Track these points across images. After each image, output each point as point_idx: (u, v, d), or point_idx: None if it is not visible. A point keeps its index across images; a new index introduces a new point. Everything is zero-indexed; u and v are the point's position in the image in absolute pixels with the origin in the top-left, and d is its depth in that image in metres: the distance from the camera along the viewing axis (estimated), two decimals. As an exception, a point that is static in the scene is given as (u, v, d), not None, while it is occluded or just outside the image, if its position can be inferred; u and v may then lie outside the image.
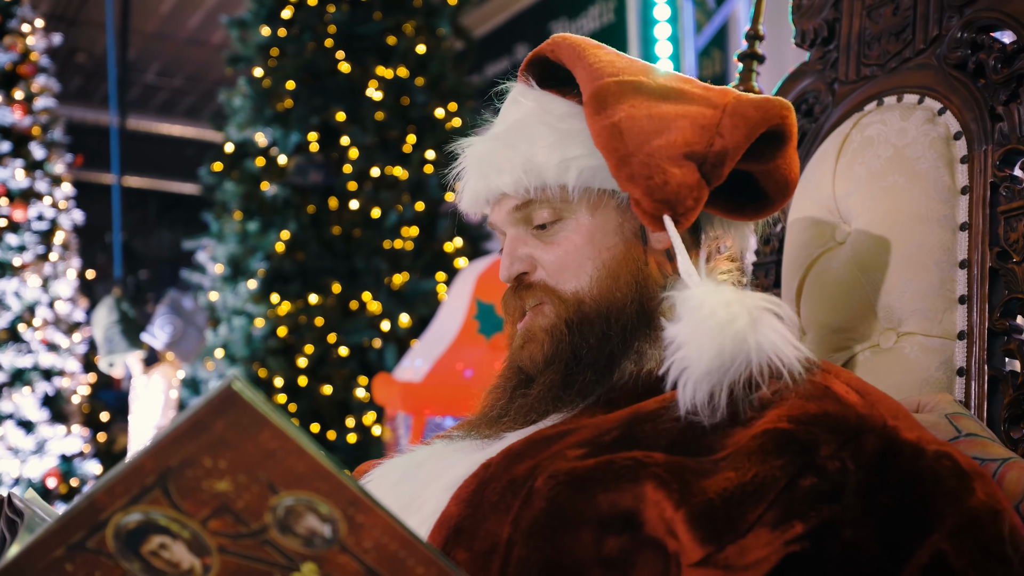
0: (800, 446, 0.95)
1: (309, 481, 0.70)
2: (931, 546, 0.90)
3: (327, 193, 6.09)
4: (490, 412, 1.21)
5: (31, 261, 6.00)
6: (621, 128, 1.10)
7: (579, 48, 1.19)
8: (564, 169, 1.16)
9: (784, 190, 1.19)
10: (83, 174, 10.94)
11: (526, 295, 1.20)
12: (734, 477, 0.94)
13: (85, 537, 0.72)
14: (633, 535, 0.95)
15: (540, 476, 1.01)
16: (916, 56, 1.55)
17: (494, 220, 1.26)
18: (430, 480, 1.12)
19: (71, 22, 10.43)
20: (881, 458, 0.95)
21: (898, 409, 1.03)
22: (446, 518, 1.04)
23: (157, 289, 13.46)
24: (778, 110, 1.14)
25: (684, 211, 1.09)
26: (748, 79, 1.87)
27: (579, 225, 1.18)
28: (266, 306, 5.94)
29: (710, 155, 1.10)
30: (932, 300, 1.41)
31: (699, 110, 1.13)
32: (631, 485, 0.96)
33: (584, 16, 7.64)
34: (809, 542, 0.90)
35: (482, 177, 1.22)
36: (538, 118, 1.21)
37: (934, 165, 1.45)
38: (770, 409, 1.00)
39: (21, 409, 5.84)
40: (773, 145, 1.16)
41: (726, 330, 1.00)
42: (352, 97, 6.14)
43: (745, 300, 1.02)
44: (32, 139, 6.14)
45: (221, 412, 0.68)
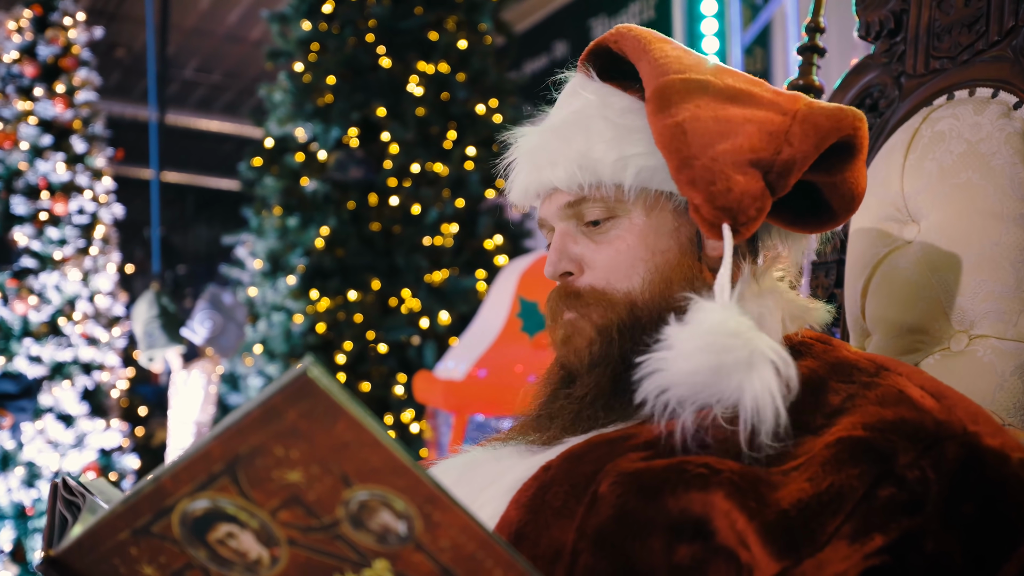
0: (877, 454, 0.91)
1: (385, 476, 0.68)
2: (1020, 558, 0.86)
3: (367, 189, 6.09)
4: (536, 413, 1.17)
5: (71, 255, 6.02)
6: (685, 129, 1.05)
7: (644, 41, 1.14)
8: (622, 167, 1.11)
9: (850, 204, 1.14)
10: (122, 169, 11.03)
11: (575, 302, 1.16)
12: (808, 488, 0.91)
13: (150, 522, 0.70)
14: (705, 543, 0.91)
15: (604, 480, 0.97)
16: (990, 48, 1.50)
17: (544, 214, 1.21)
18: (488, 483, 1.09)
19: (111, 17, 10.52)
20: (963, 466, 0.91)
21: (978, 412, 0.99)
22: (506, 523, 1.01)
23: (195, 285, 13.56)
24: (851, 120, 1.08)
25: (745, 220, 1.04)
26: (808, 73, 1.82)
27: (632, 225, 1.14)
28: (305, 302, 5.95)
29: (777, 163, 1.05)
30: (1007, 302, 1.36)
31: (768, 115, 1.08)
32: (701, 493, 0.92)
33: (624, 13, 7.60)
34: (890, 555, 0.86)
35: (534, 170, 1.18)
36: (597, 111, 1.16)
37: (1010, 161, 1.39)
38: (843, 416, 0.97)
39: (61, 403, 5.87)
40: (842, 157, 1.11)
41: (714, 356, 0.96)
42: (393, 92, 6.14)
43: (753, 340, 0.97)
44: (73, 133, 6.16)
45: (295, 400, 0.65)
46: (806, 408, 0.99)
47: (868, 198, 1.58)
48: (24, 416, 5.76)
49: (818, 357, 1.09)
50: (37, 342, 5.86)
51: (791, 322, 1.14)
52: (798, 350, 1.10)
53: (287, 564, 0.72)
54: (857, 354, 1.10)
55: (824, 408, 0.99)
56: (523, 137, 1.21)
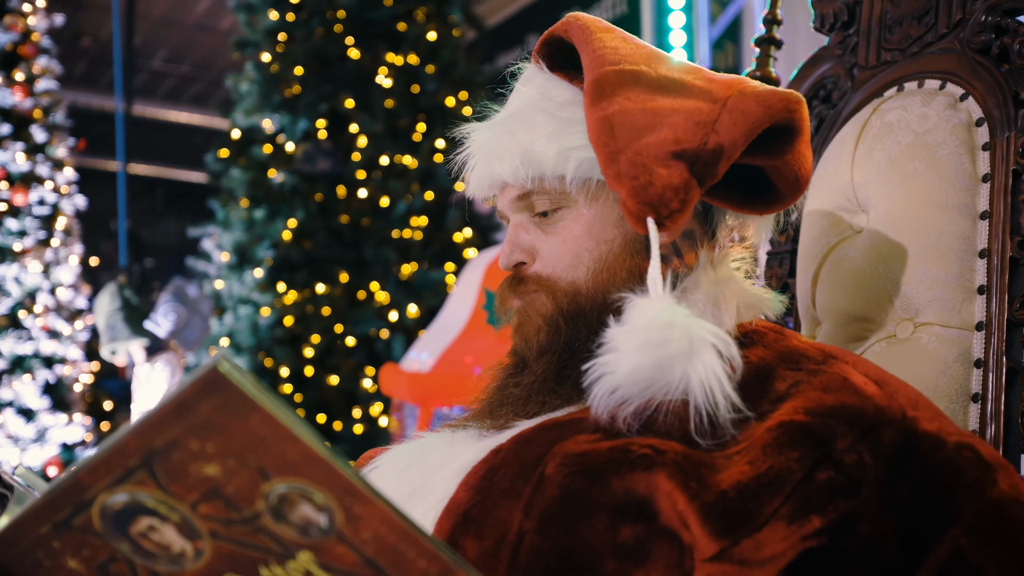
0: (816, 439, 0.92)
1: (302, 468, 0.68)
2: (950, 541, 0.87)
3: (335, 181, 6.07)
4: (486, 399, 1.19)
5: (32, 246, 5.97)
6: (613, 122, 1.05)
7: (587, 31, 1.15)
8: (563, 160, 1.12)
9: (795, 185, 1.14)
10: (90, 161, 10.95)
11: (521, 289, 1.18)
12: (749, 470, 0.92)
13: (70, 515, 0.70)
14: (648, 524, 0.92)
15: (551, 462, 0.98)
16: (938, 40, 1.51)
17: (500, 207, 1.23)
18: (439, 466, 1.10)
19: (76, 5, 10.41)
20: (900, 451, 0.92)
21: (917, 399, 1.00)
22: (455, 505, 1.02)
23: (163, 278, 13.47)
24: (784, 104, 1.07)
25: (668, 214, 1.03)
26: (765, 64, 1.83)
27: (579, 215, 1.15)
28: (272, 295, 5.92)
29: (703, 153, 1.04)
30: (950, 290, 1.38)
31: (696, 104, 1.07)
32: (645, 474, 0.93)
33: (597, 7, 7.61)
34: (826, 537, 0.87)
35: (485, 164, 1.19)
36: (538, 105, 1.17)
37: (955, 152, 1.41)
38: (786, 401, 0.98)
39: (21, 397, 5.82)
40: (782, 140, 1.11)
41: (654, 351, 0.97)
42: (361, 84, 6.12)
43: (690, 328, 0.98)
44: (33, 122, 6.09)
45: (207, 394, 0.65)
46: (753, 395, 1.00)
47: (820, 188, 1.60)
48: (-16, 410, 5.71)
49: (769, 346, 1.10)
50: (-4, 335, 5.80)
51: (746, 310, 1.15)
52: (751, 338, 1.12)
53: (211, 556, 0.72)
54: (807, 343, 1.12)
55: (770, 395, 1.00)
56: (476, 131, 1.22)
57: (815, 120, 1.71)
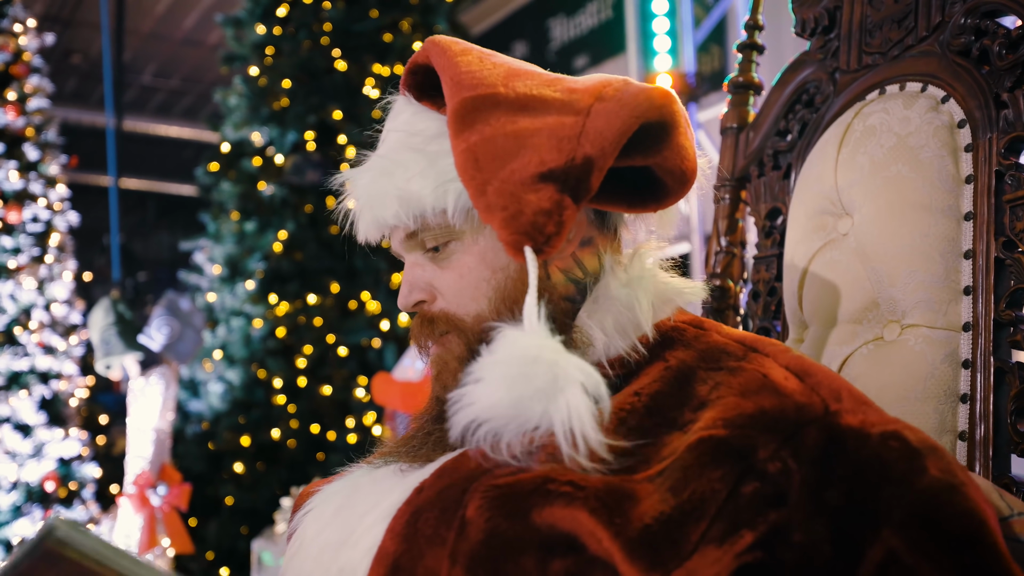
0: (737, 453, 0.91)
1: None
2: (882, 543, 0.85)
3: (324, 192, 6.06)
4: (410, 441, 1.16)
5: (26, 263, 5.95)
6: (476, 153, 1.03)
7: (446, 55, 1.13)
8: (442, 195, 1.10)
9: (681, 179, 1.11)
10: (81, 176, 10.94)
11: (430, 329, 1.16)
12: (671, 498, 0.90)
13: None
14: (579, 556, 0.91)
15: (471, 503, 0.97)
16: (919, 43, 1.52)
17: (393, 248, 1.21)
18: (367, 509, 1.08)
19: (66, 23, 10.41)
20: (824, 451, 0.90)
21: (840, 388, 0.98)
22: (383, 555, 1.00)
23: (156, 291, 13.41)
24: (649, 102, 1.05)
25: (545, 239, 1.02)
26: (748, 70, 1.84)
27: (469, 246, 1.13)
28: (264, 307, 5.92)
29: (572, 169, 1.02)
30: (937, 291, 1.39)
31: (558, 120, 1.05)
32: (566, 510, 0.92)
33: (582, 13, 7.62)
34: (761, 551, 0.86)
35: (368, 209, 1.16)
36: (406, 143, 1.15)
37: (938, 154, 1.42)
38: (706, 410, 0.97)
39: (18, 412, 5.81)
40: (657, 137, 1.08)
41: (513, 387, 0.95)
42: (349, 95, 6.13)
43: (557, 363, 0.96)
44: (26, 140, 6.09)
45: (44, 568, 0.65)
46: (673, 404, 0.99)
47: (804, 192, 1.60)
48: (-20, 427, 5.70)
49: (689, 344, 1.09)
50: (-8, 352, 5.80)
51: (661, 307, 1.14)
52: (671, 336, 1.10)
53: None
54: (729, 336, 1.10)
55: (692, 402, 0.99)
56: (356, 176, 1.19)
57: (798, 124, 1.72)
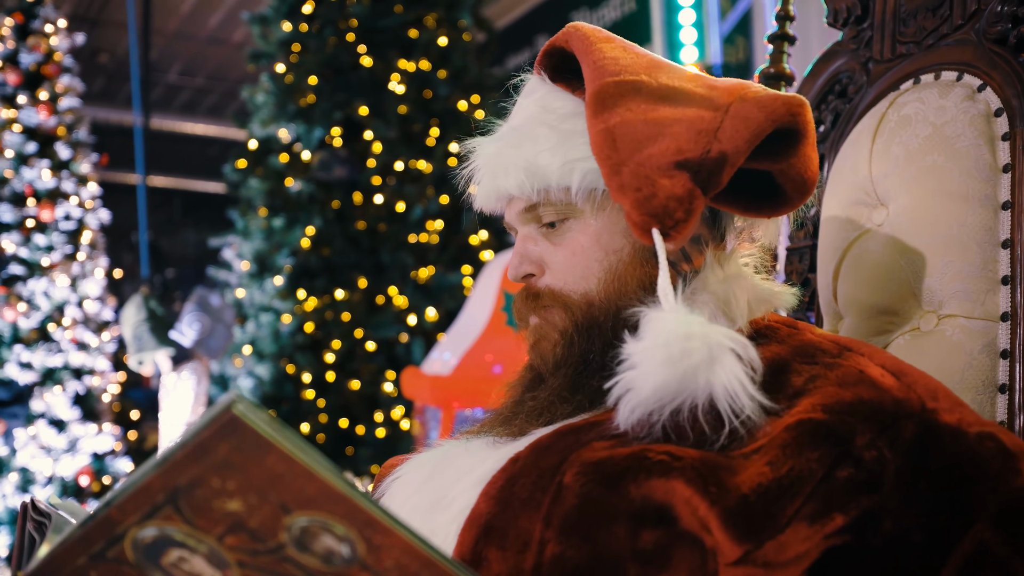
0: (836, 437, 0.93)
1: (321, 503, 0.70)
2: (974, 536, 0.87)
3: (351, 188, 6.10)
4: (503, 412, 1.19)
5: (59, 261, 6.04)
6: (615, 134, 1.05)
7: (588, 41, 1.15)
8: (568, 172, 1.12)
9: (802, 188, 1.13)
10: (109, 174, 11.02)
11: (535, 304, 1.18)
12: (768, 472, 0.92)
13: (104, 548, 0.72)
14: (669, 529, 0.93)
15: (569, 470, 0.99)
16: (954, 32, 1.52)
17: (508, 219, 1.23)
18: (459, 476, 1.10)
19: (93, 23, 10.49)
20: (920, 444, 0.92)
21: (936, 388, 1.00)
22: (476, 516, 1.02)
23: (184, 288, 13.53)
24: (787, 108, 1.06)
25: (673, 224, 1.03)
26: (779, 61, 1.84)
27: (586, 226, 1.15)
28: (293, 302, 5.96)
29: (706, 162, 1.04)
30: (974, 281, 1.38)
31: (698, 113, 1.07)
32: (662, 480, 0.94)
33: (606, 5, 7.61)
34: (850, 535, 0.88)
35: (491, 178, 1.19)
36: (540, 118, 1.17)
37: (974, 143, 1.41)
38: (803, 398, 0.98)
39: (52, 408, 5.89)
40: (787, 143, 1.10)
41: (677, 364, 0.97)
42: (374, 91, 6.15)
43: (709, 336, 0.98)
44: (57, 139, 6.17)
45: (223, 436, 0.67)
46: (769, 390, 1.00)
47: (838, 183, 1.60)
48: (16, 422, 5.77)
49: (783, 341, 1.10)
50: (27, 348, 5.87)
51: (757, 306, 1.16)
52: (764, 334, 1.12)
53: None
54: (822, 336, 1.12)
55: (787, 390, 1.00)
56: (482, 145, 1.22)
57: (831, 115, 1.71)
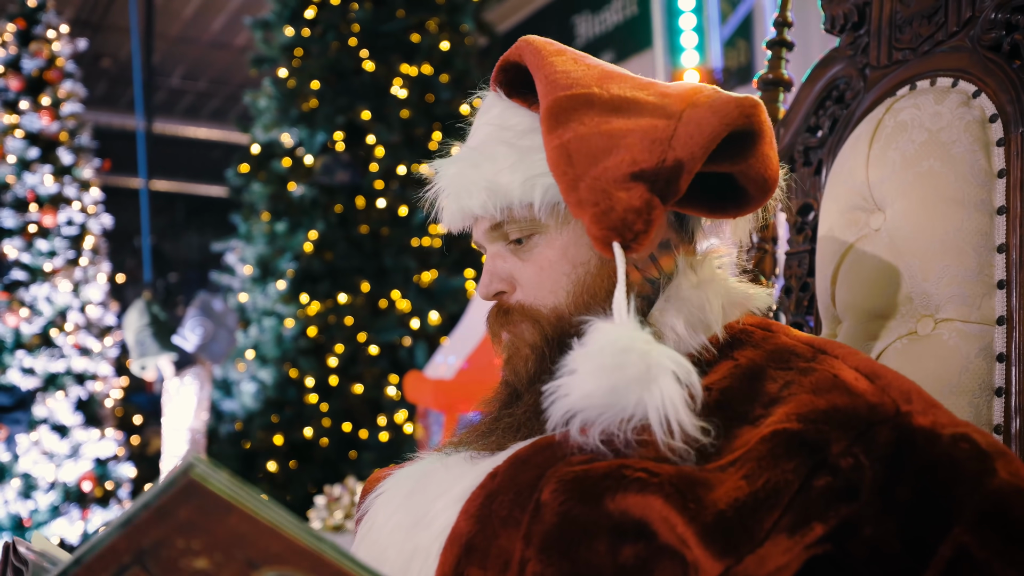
0: (811, 446, 0.93)
1: (288, 558, 0.70)
2: (953, 540, 0.87)
3: (354, 192, 6.11)
4: (480, 428, 1.20)
5: (62, 266, 6.05)
6: (569, 150, 1.06)
7: (539, 55, 1.15)
8: (529, 188, 1.13)
9: (763, 187, 1.14)
10: (111, 179, 11.02)
11: (505, 319, 1.19)
12: (745, 485, 0.92)
13: None
14: (648, 543, 0.93)
15: (546, 487, 0.99)
16: (949, 39, 1.53)
17: (475, 238, 1.24)
18: (440, 493, 1.10)
19: (96, 28, 10.51)
20: (895, 449, 0.92)
21: (910, 390, 1.00)
22: (456, 535, 1.02)
23: (187, 292, 13.56)
24: (740, 111, 1.07)
25: (633, 236, 1.04)
26: (777, 67, 1.85)
27: (552, 240, 1.16)
28: (296, 306, 5.97)
29: (662, 171, 1.04)
30: (970, 285, 1.39)
31: (651, 123, 1.08)
32: (639, 496, 0.94)
33: (607, 9, 7.61)
34: (831, 544, 0.88)
35: (455, 199, 1.19)
36: (497, 136, 1.18)
37: (969, 149, 1.42)
38: (777, 406, 0.99)
39: (55, 413, 5.90)
40: (744, 145, 1.11)
41: (608, 376, 0.98)
42: (377, 95, 6.16)
43: (649, 353, 0.98)
44: (60, 145, 6.19)
45: (184, 499, 0.67)
46: (744, 398, 1.01)
47: (836, 187, 1.61)
48: (19, 428, 5.78)
49: (758, 345, 1.11)
50: (30, 354, 5.89)
51: (731, 310, 1.16)
52: (739, 338, 1.12)
53: None
54: (796, 338, 1.12)
55: (762, 398, 1.01)
56: (444, 166, 1.23)
57: (828, 120, 1.72)
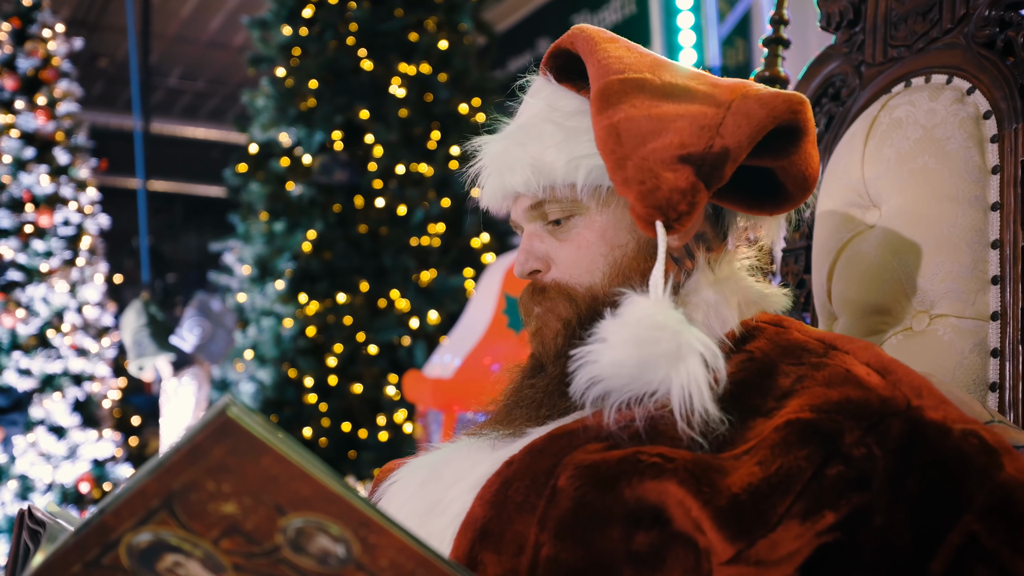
0: (824, 435, 0.94)
1: (316, 504, 0.70)
2: (963, 528, 0.88)
3: (353, 192, 6.10)
4: (502, 402, 1.21)
5: (58, 267, 6.03)
6: (619, 130, 1.08)
7: (592, 42, 1.17)
8: (573, 168, 1.14)
9: (803, 185, 1.16)
10: (109, 179, 11.03)
11: (540, 297, 1.20)
12: (758, 471, 0.93)
13: (99, 555, 0.73)
14: (662, 530, 0.94)
15: (563, 473, 1.00)
16: (943, 36, 1.53)
17: (514, 216, 1.25)
18: (455, 480, 1.12)
19: (92, 27, 10.51)
20: (907, 441, 0.94)
21: (921, 385, 1.01)
22: (471, 520, 1.03)
23: (185, 292, 13.57)
24: (787, 106, 1.09)
25: (677, 216, 1.06)
26: (773, 64, 1.85)
27: (592, 222, 1.17)
28: (294, 306, 5.96)
29: (709, 156, 1.06)
30: (965, 281, 1.40)
31: (700, 109, 1.10)
32: (655, 482, 0.95)
33: (606, 8, 7.62)
34: (841, 532, 0.89)
35: (497, 176, 1.21)
36: (546, 116, 1.20)
37: (964, 145, 1.43)
38: (791, 398, 1.00)
39: (52, 415, 5.89)
40: (788, 140, 1.13)
41: (640, 348, 0.99)
42: (375, 95, 6.15)
43: (681, 333, 1.00)
44: (56, 144, 6.17)
45: (218, 439, 0.68)
46: (757, 392, 1.02)
47: (832, 184, 1.61)
48: (15, 429, 5.77)
49: (771, 340, 1.12)
50: (26, 355, 5.87)
51: (747, 307, 1.17)
52: (752, 334, 1.13)
53: None
54: (808, 334, 1.13)
55: (774, 391, 1.02)
56: (488, 144, 1.25)
57: (824, 117, 1.73)
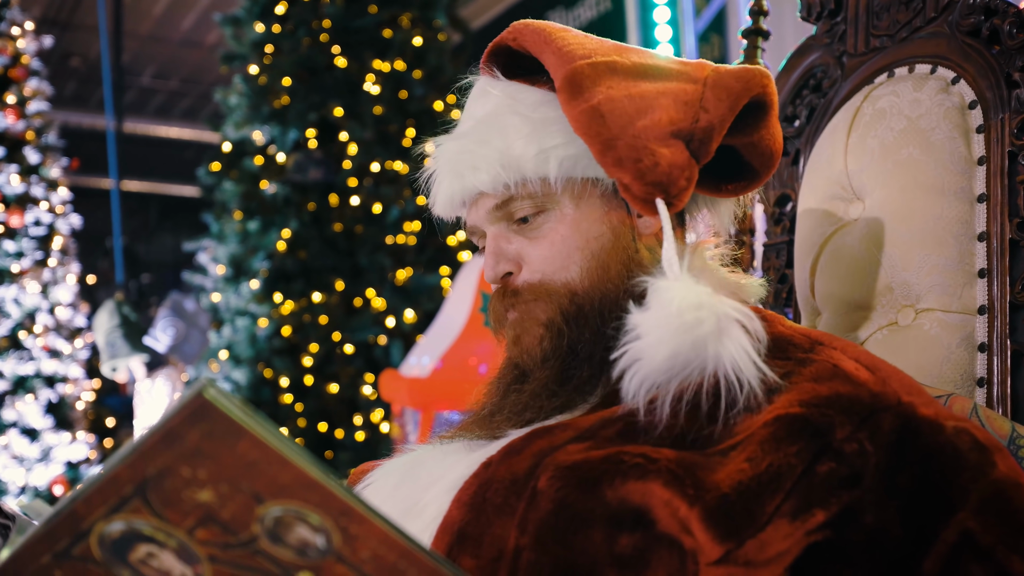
0: (814, 430, 0.92)
1: (296, 491, 0.67)
2: (957, 524, 0.87)
3: (327, 190, 6.06)
4: (482, 410, 1.17)
5: (29, 267, 5.98)
6: (602, 111, 1.05)
7: (544, 33, 1.14)
8: (544, 160, 1.11)
9: (769, 161, 1.15)
10: (83, 180, 10.94)
11: (513, 300, 1.16)
12: (748, 468, 0.91)
13: (69, 545, 0.69)
14: (646, 532, 0.91)
15: (543, 475, 0.97)
16: (927, 24, 1.51)
17: (472, 221, 1.20)
18: (431, 482, 1.09)
19: (64, 26, 10.41)
20: (899, 437, 0.92)
21: (911, 384, 1.00)
22: (449, 523, 1.00)
23: (160, 293, 13.45)
24: (759, 79, 1.10)
25: (677, 192, 1.04)
26: (753, 56, 1.83)
27: (563, 216, 1.14)
28: (269, 306, 5.91)
29: (697, 131, 1.06)
30: (951, 275, 1.37)
31: (680, 86, 1.10)
32: (639, 483, 0.92)
33: (581, 5, 7.60)
34: (831, 530, 0.87)
35: (456, 177, 1.16)
36: (509, 108, 1.16)
37: (949, 136, 1.41)
38: (779, 394, 0.97)
39: (25, 417, 5.83)
40: (755, 116, 1.13)
41: (689, 333, 0.97)
42: (349, 92, 6.11)
43: (716, 306, 0.98)
44: (26, 144, 6.11)
45: (193, 422, 0.65)
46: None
47: (814, 177, 1.59)
48: (-12, 432, 5.71)
49: None
50: (-2, 357, 5.81)
51: None
52: None
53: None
54: (792, 329, 1.11)
55: (761, 387, 0.99)
56: (439, 147, 1.20)
57: (806, 109, 1.71)
